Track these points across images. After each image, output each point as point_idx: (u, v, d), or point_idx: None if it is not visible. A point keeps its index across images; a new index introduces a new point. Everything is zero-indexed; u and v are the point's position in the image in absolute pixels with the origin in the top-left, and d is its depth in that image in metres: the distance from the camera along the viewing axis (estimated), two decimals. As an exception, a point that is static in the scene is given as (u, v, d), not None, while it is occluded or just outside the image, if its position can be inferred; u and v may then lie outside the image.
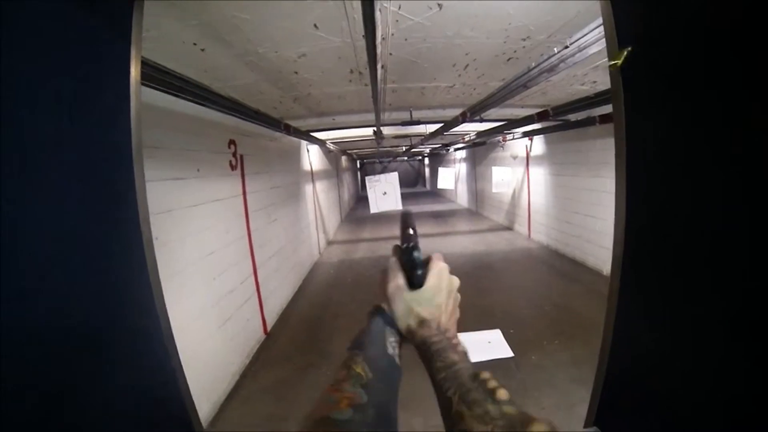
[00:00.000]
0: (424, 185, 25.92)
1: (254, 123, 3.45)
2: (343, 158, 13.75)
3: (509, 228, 9.71)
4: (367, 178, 4.43)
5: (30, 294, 0.65)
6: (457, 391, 0.47)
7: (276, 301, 4.82)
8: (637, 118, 0.81)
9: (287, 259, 5.47)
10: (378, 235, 9.99)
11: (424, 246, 0.63)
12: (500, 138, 8.23)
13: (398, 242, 0.70)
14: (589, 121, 4.92)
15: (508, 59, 2.70)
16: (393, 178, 4.39)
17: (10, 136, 0.63)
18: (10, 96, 0.63)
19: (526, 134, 7.04)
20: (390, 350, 0.60)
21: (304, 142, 6.89)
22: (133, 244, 0.91)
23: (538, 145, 7.67)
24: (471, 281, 5.63)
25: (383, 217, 12.06)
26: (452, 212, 13.65)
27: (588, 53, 1.89)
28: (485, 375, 0.48)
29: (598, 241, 5.76)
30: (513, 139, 7.86)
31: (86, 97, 0.81)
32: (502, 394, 0.44)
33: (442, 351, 0.56)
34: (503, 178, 7.45)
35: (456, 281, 0.69)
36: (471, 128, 6.32)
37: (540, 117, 4.46)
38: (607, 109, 4.11)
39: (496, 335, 3.79)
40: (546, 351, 3.55)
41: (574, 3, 1.82)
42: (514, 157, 8.97)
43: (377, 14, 1.31)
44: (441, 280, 0.67)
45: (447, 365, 0.53)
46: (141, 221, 0.93)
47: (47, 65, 0.72)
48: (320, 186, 8.71)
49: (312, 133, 5.54)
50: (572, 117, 5.03)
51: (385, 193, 4.38)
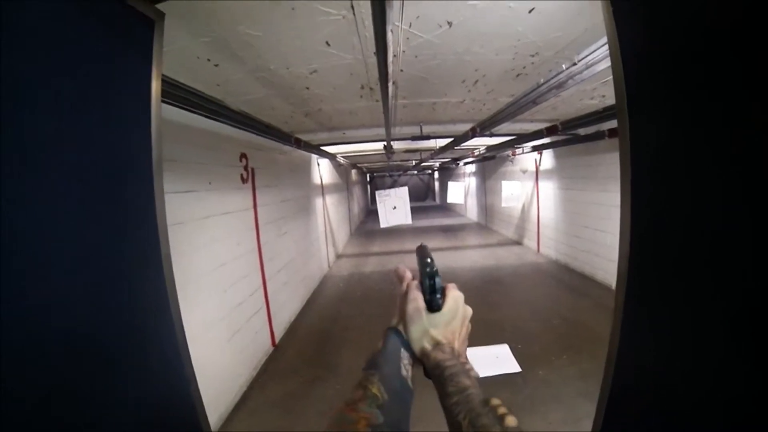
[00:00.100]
0: (434, 199, 25.90)
1: (266, 137, 3.50)
2: (353, 172, 13.82)
3: (518, 242, 9.65)
4: (377, 192, 4.45)
5: (52, 303, 0.68)
6: (467, 416, 0.49)
7: (285, 314, 4.83)
8: (642, 131, 0.83)
9: (297, 272, 5.49)
10: (388, 249, 9.98)
11: (435, 259, 0.65)
12: (510, 152, 8.24)
13: (409, 262, 0.72)
14: (598, 135, 4.91)
15: (517, 75, 2.73)
16: (403, 192, 4.40)
17: (37, 149, 0.66)
18: (32, 108, 0.66)
19: (535, 148, 7.03)
20: (403, 372, 0.61)
21: (314, 156, 6.95)
22: (151, 256, 0.94)
23: (548, 159, 7.66)
24: (480, 296, 5.60)
25: (393, 231, 12.09)
26: (462, 226, 13.61)
27: (596, 70, 1.91)
28: (495, 401, 0.49)
29: (607, 256, 5.71)
30: (522, 153, 7.85)
31: (107, 112, 0.84)
32: (511, 420, 0.46)
33: (455, 375, 0.57)
34: (513, 192, 7.43)
35: (469, 310, 0.71)
36: (481, 143, 6.35)
37: (549, 132, 4.47)
38: (616, 123, 4.10)
39: (504, 350, 3.75)
40: (554, 366, 3.52)
41: (582, 20, 1.84)
42: (524, 172, 8.95)
43: (389, 33, 1.35)
44: (457, 307, 0.69)
45: (459, 390, 0.54)
46: (159, 233, 0.96)
47: (69, 84, 0.75)
48: (330, 199, 8.75)
49: (322, 147, 5.60)
50: (581, 131, 5.04)
51: (395, 207, 4.39)
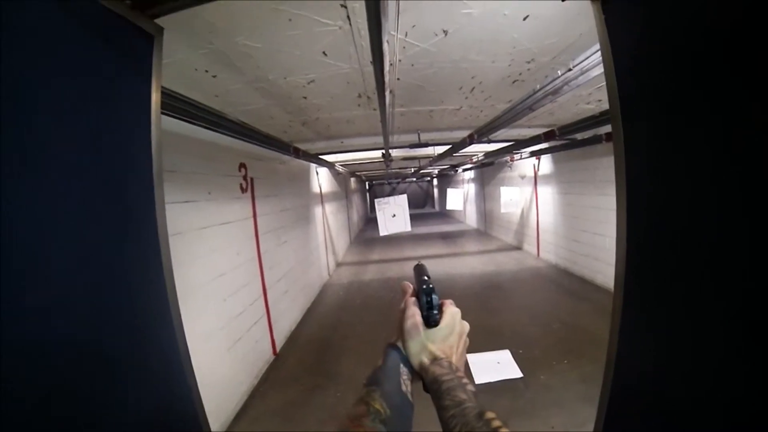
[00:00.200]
0: (433, 206, 25.93)
1: (265, 147, 3.52)
2: (352, 180, 13.85)
3: (518, 248, 9.66)
4: (376, 200, 4.45)
5: (52, 304, 0.68)
6: (463, 429, 0.50)
7: (285, 323, 4.82)
8: (636, 135, 0.84)
9: (297, 280, 5.49)
10: (387, 256, 9.97)
11: (434, 266, 0.66)
12: (508, 158, 8.27)
13: (409, 269, 0.73)
14: (595, 140, 4.94)
15: (514, 81, 2.75)
16: (402, 200, 4.41)
17: (39, 159, 0.67)
18: (32, 117, 0.68)
19: (533, 154, 7.05)
20: (403, 387, 0.63)
21: (313, 165, 6.97)
22: (152, 263, 0.95)
23: (546, 164, 7.69)
24: (480, 302, 5.59)
25: (392, 239, 12.10)
26: (461, 233, 13.62)
27: (591, 75, 1.92)
28: (490, 414, 0.51)
29: (606, 259, 5.72)
30: (521, 158, 7.88)
31: (109, 126, 0.86)
32: None
33: (452, 389, 0.58)
34: (511, 197, 7.44)
35: (466, 326, 0.73)
36: (479, 149, 6.37)
37: (547, 137, 4.50)
38: (613, 128, 4.13)
39: (505, 355, 3.75)
40: (555, 370, 3.51)
41: (577, 26, 1.86)
42: (522, 177, 8.98)
43: (384, 43, 1.36)
44: (454, 322, 0.70)
45: (456, 403, 0.55)
46: (160, 241, 0.97)
47: (70, 97, 0.77)
48: (329, 208, 8.77)
49: (321, 156, 5.62)
50: (578, 136, 5.06)
51: (394, 215, 4.39)
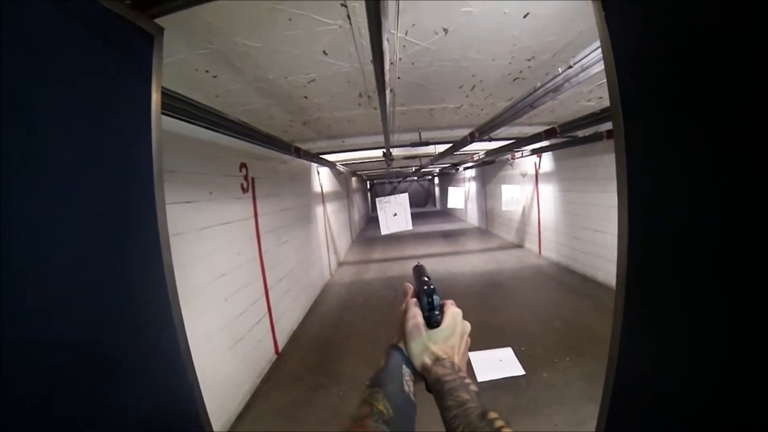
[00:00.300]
0: (434, 205, 25.92)
1: (265, 147, 3.52)
2: (353, 179, 13.85)
3: (519, 246, 9.66)
4: (377, 199, 4.45)
5: (52, 304, 0.69)
6: (465, 429, 0.50)
7: (287, 322, 4.83)
8: (637, 133, 0.83)
9: (298, 280, 5.49)
10: (389, 255, 9.97)
11: (436, 264, 0.66)
12: (509, 156, 8.26)
13: (410, 268, 0.73)
14: (596, 137, 4.93)
15: (515, 79, 2.75)
16: (403, 199, 4.40)
17: (39, 159, 0.68)
18: (32, 118, 0.68)
19: (534, 151, 7.04)
20: (406, 388, 0.63)
21: (314, 165, 6.97)
22: (153, 265, 0.95)
23: (547, 161, 7.69)
24: (481, 300, 5.58)
25: (394, 238, 12.10)
26: (462, 231, 13.62)
27: (591, 72, 1.92)
28: (493, 414, 0.51)
29: (607, 256, 5.72)
30: (522, 156, 7.87)
31: (108, 125, 0.86)
32: None
33: (455, 389, 0.58)
34: (513, 195, 7.43)
35: (468, 326, 0.73)
36: (480, 147, 6.36)
37: (548, 135, 4.49)
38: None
39: (507, 353, 3.75)
40: (557, 368, 3.52)
41: (577, 23, 1.86)
42: (523, 175, 8.98)
43: (384, 42, 1.36)
44: (456, 322, 0.71)
45: (458, 404, 0.55)
46: (161, 241, 0.97)
47: (70, 97, 0.77)
48: (331, 207, 8.77)
49: (322, 156, 5.61)
50: (579, 133, 5.05)
51: (395, 214, 4.39)
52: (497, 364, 3.57)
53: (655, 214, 0.80)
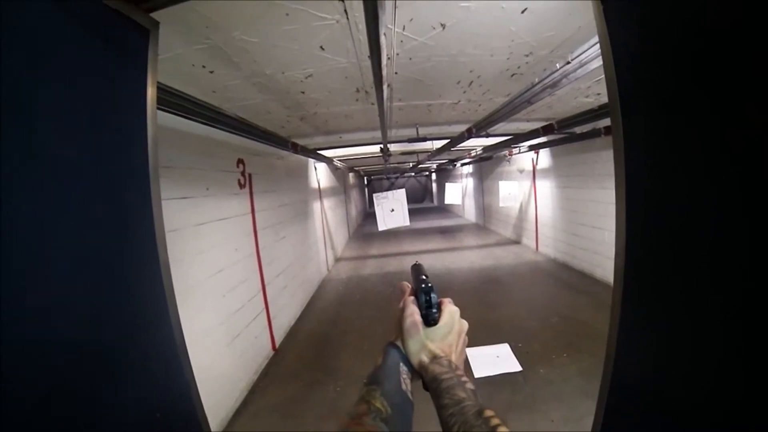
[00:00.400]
0: (432, 201, 25.93)
1: (262, 142, 3.51)
2: (351, 175, 13.83)
3: (517, 242, 9.67)
4: (374, 195, 4.45)
5: (52, 304, 0.69)
6: (462, 428, 0.50)
7: (285, 318, 4.83)
8: (636, 129, 0.83)
9: (296, 276, 5.49)
10: (386, 251, 9.98)
11: (433, 260, 0.66)
12: (506, 152, 8.26)
13: (407, 264, 0.74)
14: (594, 133, 4.93)
15: (512, 75, 2.74)
16: (400, 194, 4.40)
17: (39, 158, 0.67)
18: (31, 120, 0.67)
19: (532, 148, 7.04)
20: (403, 386, 0.63)
21: (311, 160, 6.96)
22: (149, 262, 0.95)
23: (545, 158, 7.68)
24: (479, 296, 5.59)
25: (391, 234, 12.09)
26: (460, 227, 13.63)
27: (589, 68, 1.91)
28: (489, 413, 0.51)
29: (605, 253, 5.74)
30: (519, 152, 7.87)
31: (104, 122, 0.85)
32: (503, 430, 0.47)
33: (452, 388, 0.58)
34: (510, 192, 7.45)
35: (465, 324, 0.73)
36: (477, 143, 6.36)
37: (545, 131, 4.48)
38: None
39: (504, 349, 3.76)
40: (554, 364, 3.53)
41: (575, 18, 1.85)
42: (521, 171, 8.98)
43: (382, 37, 1.35)
44: (453, 321, 0.70)
45: (455, 402, 0.55)
46: (157, 238, 0.96)
47: (66, 92, 0.76)
48: (328, 203, 8.76)
49: (319, 151, 5.60)
50: (577, 129, 5.05)
51: (392, 209, 4.39)
52: (494, 360, 3.58)
53: (653, 211, 0.80)
